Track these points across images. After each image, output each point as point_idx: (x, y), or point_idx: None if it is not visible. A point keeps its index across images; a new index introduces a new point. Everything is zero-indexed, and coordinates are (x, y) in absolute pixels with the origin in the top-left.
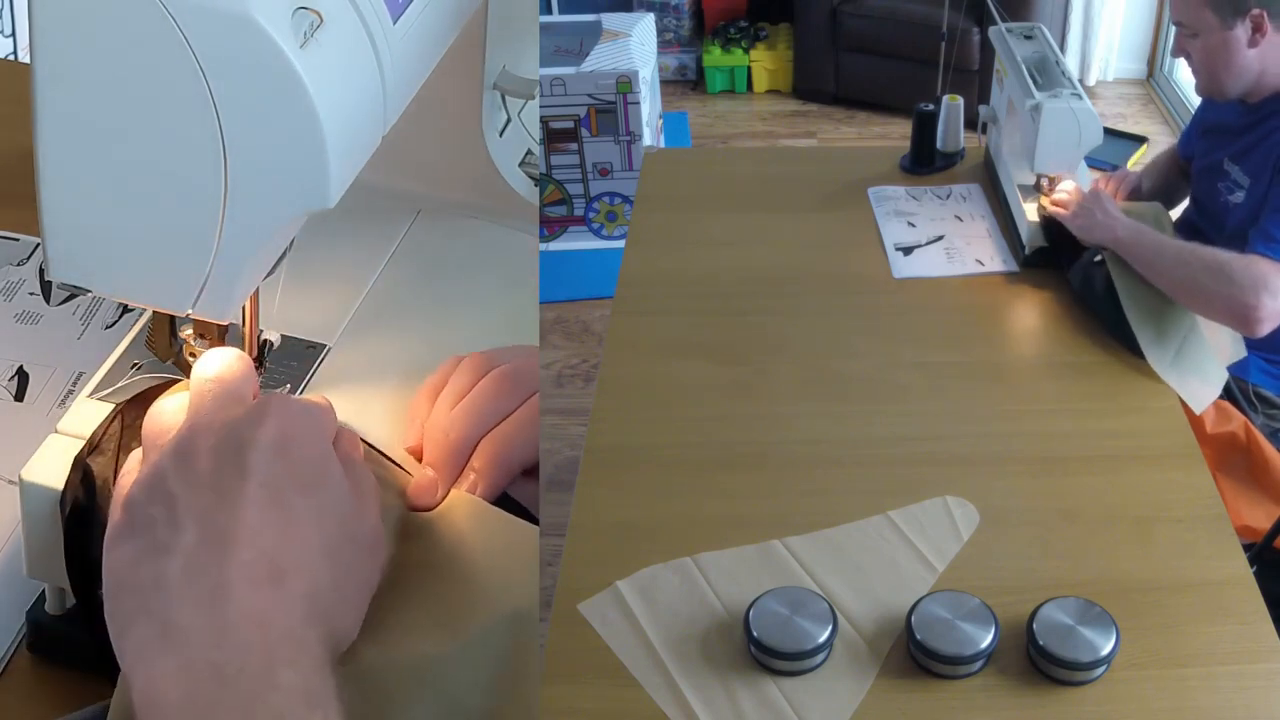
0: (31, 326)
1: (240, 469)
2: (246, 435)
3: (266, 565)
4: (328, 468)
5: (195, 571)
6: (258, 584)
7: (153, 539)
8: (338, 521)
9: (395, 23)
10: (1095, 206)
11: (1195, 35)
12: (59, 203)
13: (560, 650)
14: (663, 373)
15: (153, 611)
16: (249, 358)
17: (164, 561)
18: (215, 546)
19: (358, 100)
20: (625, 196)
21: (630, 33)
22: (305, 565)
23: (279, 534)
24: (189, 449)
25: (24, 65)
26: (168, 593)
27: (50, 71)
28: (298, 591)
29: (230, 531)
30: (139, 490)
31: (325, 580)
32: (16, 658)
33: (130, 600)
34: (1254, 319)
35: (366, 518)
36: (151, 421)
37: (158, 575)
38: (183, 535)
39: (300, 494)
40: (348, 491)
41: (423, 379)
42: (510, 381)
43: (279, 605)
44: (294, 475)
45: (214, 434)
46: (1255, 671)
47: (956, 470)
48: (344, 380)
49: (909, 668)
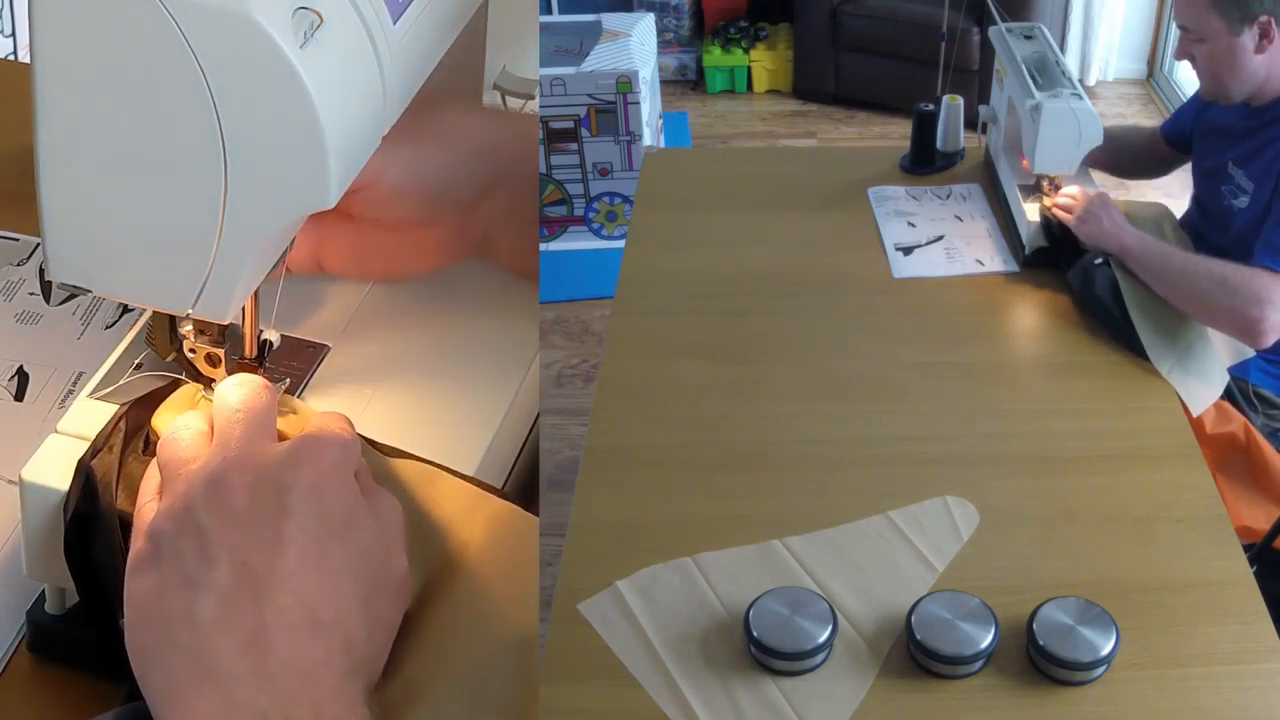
0: (31, 326)
1: (280, 510)
2: (285, 478)
3: (305, 613)
4: (360, 514)
5: (230, 611)
6: (297, 631)
7: (181, 572)
8: (370, 569)
9: (395, 23)
10: (1102, 213)
11: (1201, 40)
12: (59, 203)
13: (560, 650)
14: (663, 373)
15: (182, 647)
16: (271, 386)
17: (195, 597)
18: (251, 588)
19: (358, 100)
20: (625, 196)
21: (630, 33)
22: (341, 616)
23: (316, 581)
24: (221, 482)
25: (24, 65)
26: (201, 630)
27: (50, 71)
28: (336, 646)
29: (267, 574)
30: (166, 520)
31: (361, 632)
32: (16, 658)
33: (156, 634)
34: (1258, 332)
35: (396, 562)
36: (170, 446)
37: (188, 611)
38: (216, 572)
39: (335, 541)
40: (378, 537)
41: (423, 379)
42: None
43: (320, 658)
44: (328, 522)
45: (250, 470)
46: (1255, 671)
47: (956, 470)
48: (344, 380)
49: (909, 668)
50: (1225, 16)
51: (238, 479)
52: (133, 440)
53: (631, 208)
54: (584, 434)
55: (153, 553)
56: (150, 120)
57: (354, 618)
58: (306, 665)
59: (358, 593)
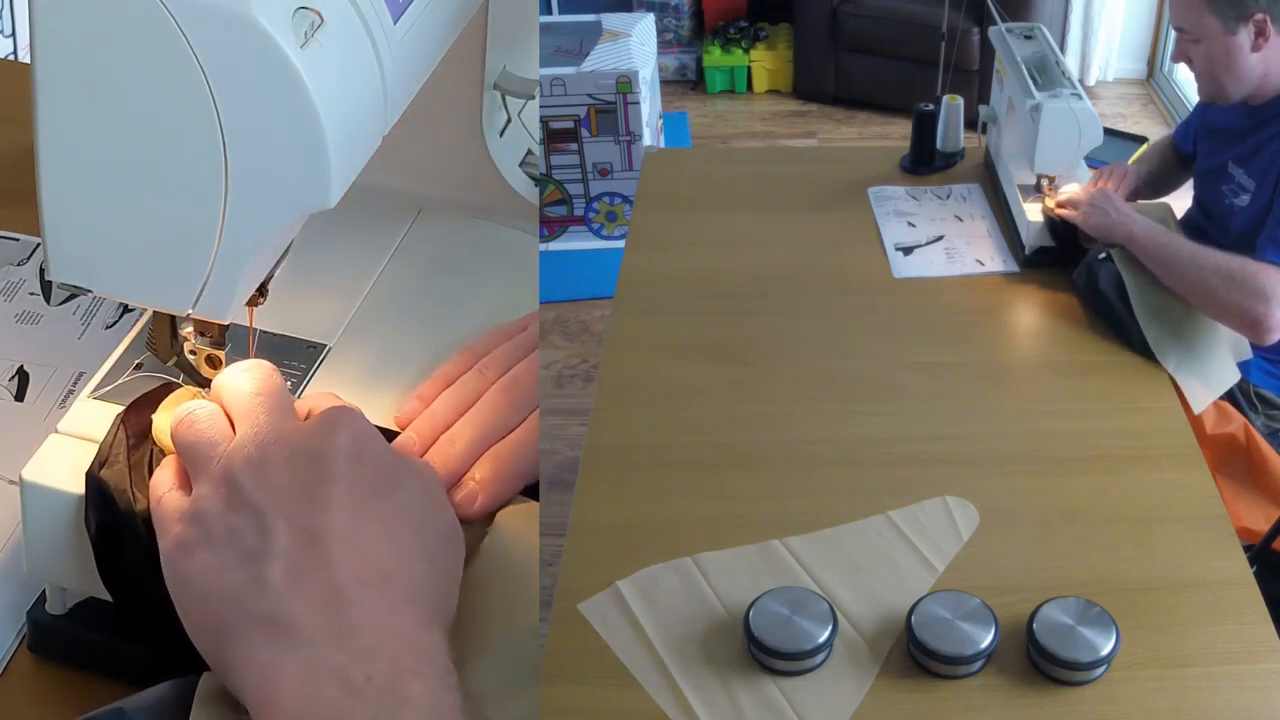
0: (31, 326)
1: (324, 476)
2: (322, 444)
3: (372, 566)
4: (401, 470)
5: (301, 574)
6: (367, 585)
7: (239, 547)
8: (422, 518)
9: (395, 23)
10: (1107, 204)
11: (1197, 41)
12: (59, 203)
13: (560, 650)
14: (663, 373)
15: (255, 613)
16: (277, 370)
17: (261, 565)
18: (315, 550)
19: (358, 100)
20: (625, 196)
21: (630, 33)
22: (405, 564)
23: (375, 536)
24: (262, 459)
25: (24, 65)
26: (275, 595)
27: (50, 71)
28: (404, 594)
29: (327, 535)
30: (212, 502)
31: (427, 578)
32: (16, 658)
33: (225, 608)
34: (1264, 328)
35: (443, 510)
36: (189, 432)
37: (256, 578)
38: (276, 540)
39: (383, 497)
40: (421, 488)
41: (423, 380)
42: (516, 395)
43: (393, 607)
44: (373, 480)
45: (288, 444)
46: (1255, 671)
47: (956, 470)
48: (344, 380)
49: (909, 668)
50: (1220, 16)
51: (277, 452)
52: (137, 445)
53: (631, 208)
54: (584, 434)
55: (201, 535)
56: (150, 120)
57: (418, 565)
58: (382, 617)
59: (416, 542)
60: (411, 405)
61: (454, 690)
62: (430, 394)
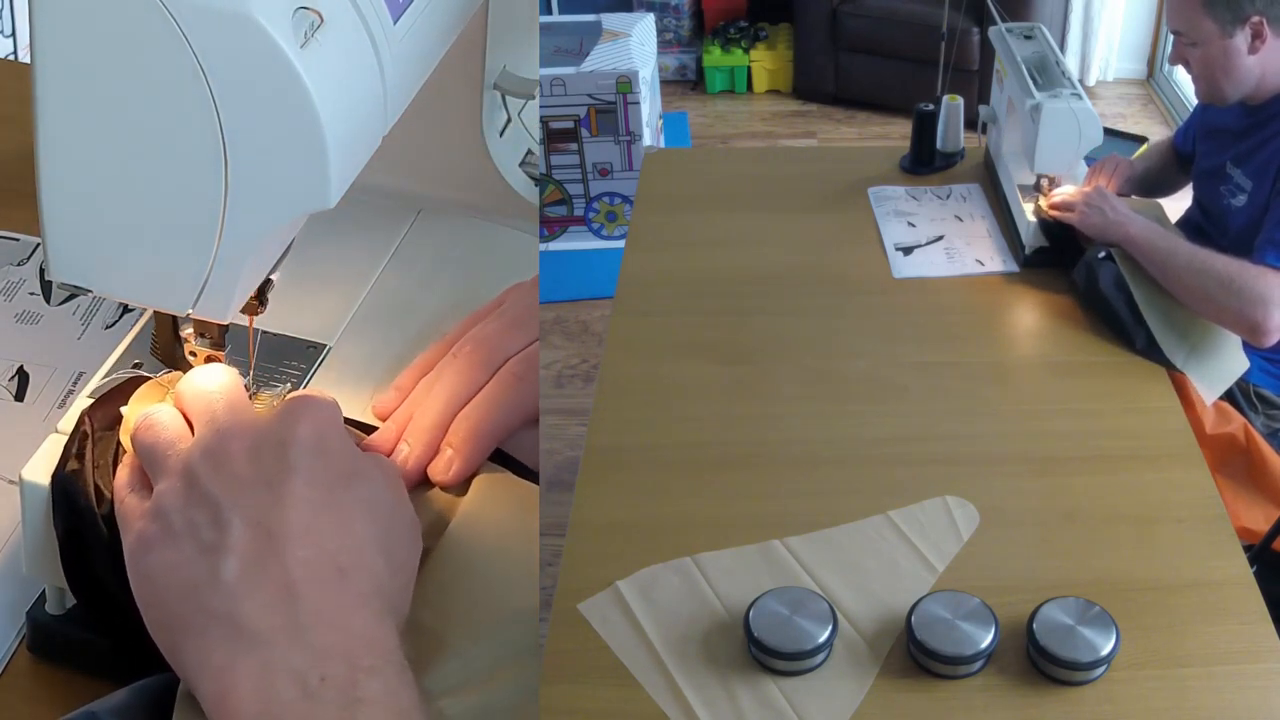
0: (31, 326)
1: (284, 467)
2: (284, 435)
3: (327, 562)
4: (363, 462)
5: (255, 570)
6: (323, 582)
7: (198, 542)
8: (382, 513)
9: (395, 23)
10: (1103, 204)
11: (1194, 44)
12: (59, 203)
13: (560, 650)
14: (663, 373)
15: (212, 611)
16: (234, 370)
17: (216, 560)
18: (271, 545)
19: (358, 100)
20: (625, 196)
21: (630, 33)
22: (363, 560)
23: (333, 531)
24: (221, 451)
25: (24, 65)
26: (229, 592)
27: (50, 71)
28: (360, 590)
29: (283, 530)
30: (170, 497)
31: (384, 574)
32: (16, 658)
33: (183, 603)
34: (1261, 331)
35: (403, 503)
36: (148, 435)
37: (211, 574)
38: (231, 534)
39: (343, 490)
40: (383, 482)
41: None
42: (486, 352)
43: (349, 604)
44: (334, 471)
45: (248, 436)
46: (1255, 671)
47: (956, 470)
48: (344, 380)
49: (909, 668)
50: (1217, 19)
51: (237, 445)
52: (101, 438)
53: (631, 208)
54: (584, 434)
55: (162, 530)
56: (150, 120)
57: (376, 561)
58: (337, 614)
59: (375, 537)
60: (389, 395)
61: (410, 686)
62: (408, 384)
